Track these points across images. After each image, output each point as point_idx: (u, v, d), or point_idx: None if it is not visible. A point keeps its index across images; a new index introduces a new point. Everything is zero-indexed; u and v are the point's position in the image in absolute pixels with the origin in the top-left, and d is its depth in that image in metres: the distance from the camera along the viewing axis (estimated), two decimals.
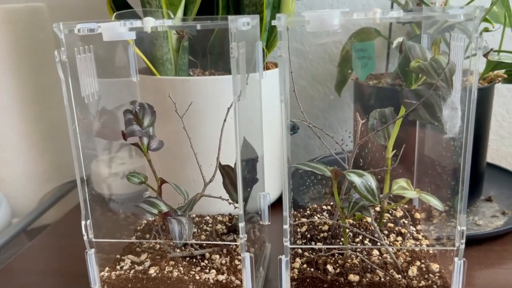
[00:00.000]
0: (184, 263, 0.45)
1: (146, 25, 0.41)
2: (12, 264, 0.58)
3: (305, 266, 0.44)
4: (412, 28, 0.68)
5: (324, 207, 0.54)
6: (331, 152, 0.45)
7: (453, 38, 0.40)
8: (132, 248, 0.50)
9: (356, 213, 0.42)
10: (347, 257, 0.44)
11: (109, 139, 0.51)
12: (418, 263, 0.43)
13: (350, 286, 0.41)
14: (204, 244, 0.48)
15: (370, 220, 0.43)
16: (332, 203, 0.54)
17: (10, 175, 0.78)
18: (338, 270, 0.42)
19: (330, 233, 0.48)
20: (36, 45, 0.76)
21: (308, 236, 0.48)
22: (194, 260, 0.46)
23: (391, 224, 0.49)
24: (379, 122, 0.44)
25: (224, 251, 0.48)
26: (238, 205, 0.42)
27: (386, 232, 0.48)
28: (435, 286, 0.40)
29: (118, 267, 0.46)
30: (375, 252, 0.45)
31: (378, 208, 0.51)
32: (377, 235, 0.44)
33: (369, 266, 0.42)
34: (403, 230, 0.48)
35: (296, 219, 0.52)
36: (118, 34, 0.41)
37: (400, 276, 0.41)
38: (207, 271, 0.45)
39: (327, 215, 0.52)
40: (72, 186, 0.82)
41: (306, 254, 0.46)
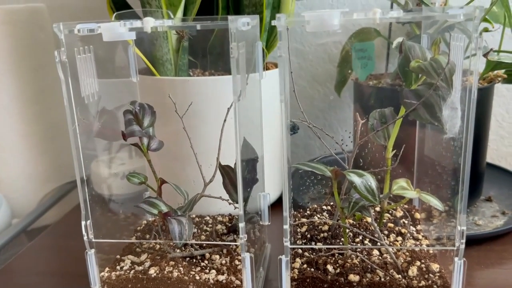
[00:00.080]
0: (184, 263, 0.45)
1: (146, 25, 0.41)
2: (12, 264, 0.58)
3: (305, 266, 0.44)
4: (412, 28, 0.68)
5: (324, 207, 0.54)
6: (331, 152, 0.45)
7: (453, 38, 0.40)
8: (132, 248, 0.50)
9: (356, 213, 0.42)
10: (347, 257, 0.44)
11: (109, 139, 0.51)
12: (418, 263, 0.43)
13: (350, 286, 0.41)
14: (204, 245, 0.48)
15: (370, 220, 0.43)
16: (332, 203, 0.54)
17: (10, 175, 0.78)
18: (338, 270, 0.42)
19: (330, 233, 0.48)
20: (36, 45, 0.76)
21: (308, 236, 0.48)
22: (194, 260, 0.46)
23: (391, 224, 0.49)
24: (379, 122, 0.44)
25: (224, 251, 0.48)
26: (238, 205, 0.42)
27: (386, 232, 0.48)
28: (435, 286, 0.40)
29: (118, 267, 0.46)
30: (375, 252, 0.45)
31: (378, 208, 0.51)
32: (377, 235, 0.44)
33: (369, 266, 0.42)
34: (403, 230, 0.48)
35: (296, 219, 0.52)
36: (118, 35, 0.41)
37: (400, 276, 0.41)
38: (207, 271, 0.45)
39: (327, 215, 0.52)
40: (72, 187, 0.82)
41: (306, 254, 0.46)
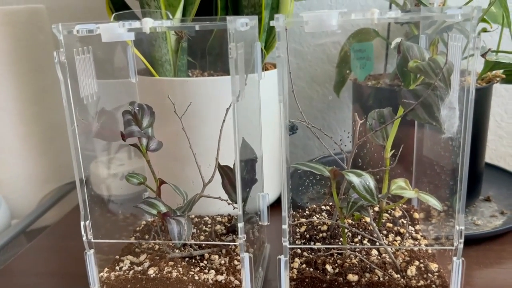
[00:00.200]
0: (183, 263, 0.45)
1: (145, 26, 0.41)
2: (12, 265, 0.58)
3: (304, 266, 0.44)
4: (410, 28, 0.68)
5: (323, 207, 0.54)
6: (330, 152, 0.45)
7: (451, 38, 0.40)
8: (131, 248, 0.50)
9: (355, 213, 0.42)
10: (346, 257, 0.44)
11: (108, 140, 0.51)
12: (417, 262, 0.43)
13: (349, 286, 0.41)
14: (203, 245, 0.48)
15: (369, 220, 0.43)
16: (331, 203, 0.55)
17: (9, 176, 0.78)
18: (337, 270, 0.43)
19: (329, 233, 0.48)
20: (35, 46, 0.76)
21: (307, 236, 0.48)
22: (193, 260, 0.46)
23: (390, 224, 0.49)
24: (377, 122, 0.44)
25: (223, 251, 0.48)
26: (237, 205, 0.42)
27: (385, 232, 0.48)
28: (433, 286, 0.40)
29: (117, 267, 0.46)
30: (374, 252, 0.45)
31: (377, 208, 0.51)
32: (376, 235, 0.44)
33: (368, 266, 0.42)
34: (402, 230, 0.48)
35: (295, 219, 0.52)
36: (117, 35, 0.41)
37: (399, 275, 0.41)
38: (206, 271, 0.45)
39: (326, 215, 0.52)
40: (71, 187, 0.82)
41: (305, 254, 0.46)
